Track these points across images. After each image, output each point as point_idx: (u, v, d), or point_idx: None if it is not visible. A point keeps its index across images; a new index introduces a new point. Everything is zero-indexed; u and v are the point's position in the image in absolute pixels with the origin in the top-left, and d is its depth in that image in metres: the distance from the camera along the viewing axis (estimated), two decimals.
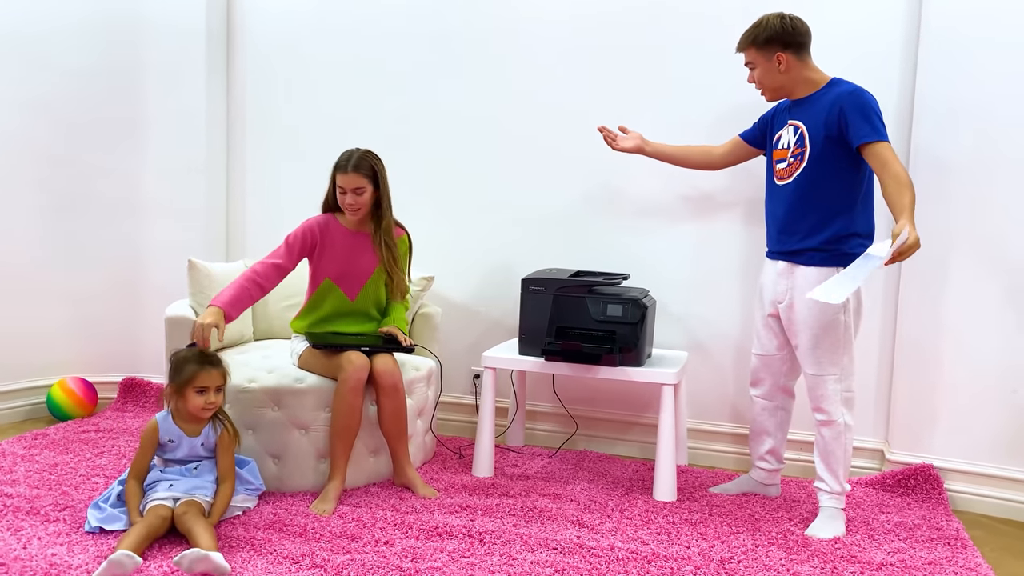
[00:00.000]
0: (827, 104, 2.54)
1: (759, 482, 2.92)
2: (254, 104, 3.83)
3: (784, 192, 2.65)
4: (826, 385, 2.58)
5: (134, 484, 2.45)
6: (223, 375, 2.53)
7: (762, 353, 2.81)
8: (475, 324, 3.59)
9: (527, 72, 3.46)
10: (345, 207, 2.86)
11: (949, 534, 2.62)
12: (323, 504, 2.63)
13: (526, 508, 2.68)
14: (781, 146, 2.69)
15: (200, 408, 2.47)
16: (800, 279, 2.60)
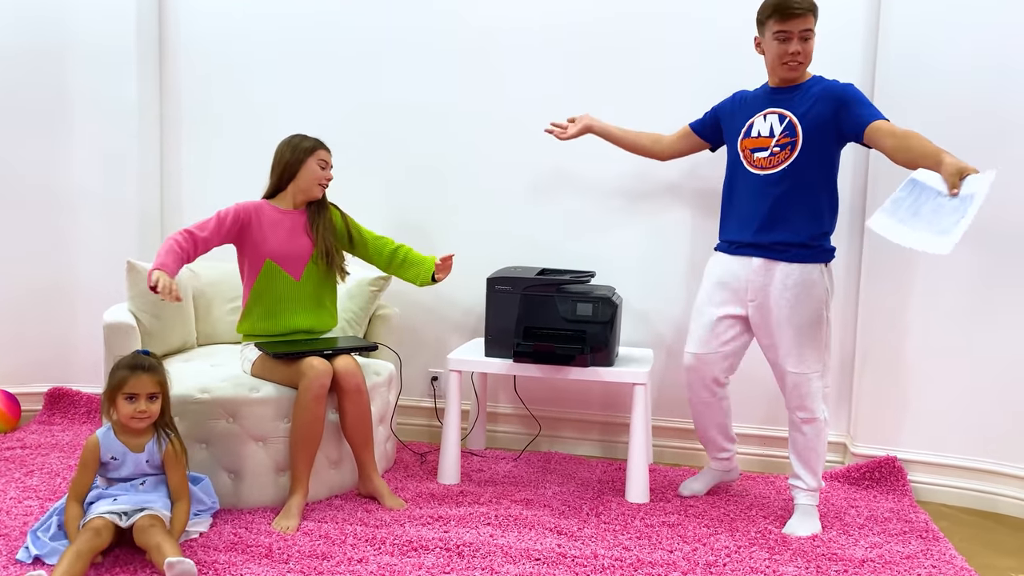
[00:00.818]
0: (820, 98, 2.49)
1: (720, 471, 2.88)
2: (190, 94, 3.60)
3: (767, 183, 2.55)
4: (810, 383, 2.54)
5: (75, 507, 2.24)
6: (157, 382, 2.31)
7: (701, 352, 2.68)
8: (432, 324, 3.46)
9: (482, 62, 3.34)
10: (323, 182, 2.82)
11: (919, 527, 2.64)
12: (286, 520, 2.47)
13: (500, 516, 2.58)
14: (756, 134, 2.59)
15: (129, 417, 2.27)
16: (780, 276, 2.53)
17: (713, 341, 2.67)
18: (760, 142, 2.58)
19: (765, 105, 2.61)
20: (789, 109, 2.54)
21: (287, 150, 2.80)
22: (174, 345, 3.00)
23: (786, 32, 2.48)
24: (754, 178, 2.59)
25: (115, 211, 3.55)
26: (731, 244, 2.66)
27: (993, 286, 2.86)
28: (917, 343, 2.97)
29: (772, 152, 2.55)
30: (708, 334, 2.67)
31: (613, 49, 3.23)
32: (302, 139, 2.81)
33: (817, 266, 2.53)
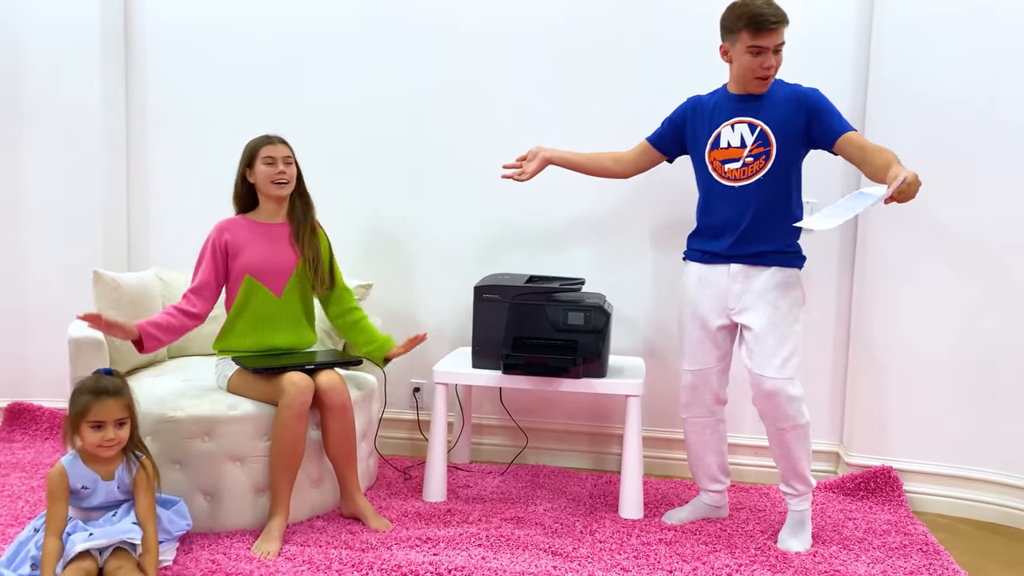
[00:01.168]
0: (787, 104, 2.43)
1: (710, 506, 2.72)
2: (157, 98, 3.43)
3: (742, 194, 2.47)
4: (789, 389, 2.45)
5: (53, 542, 2.06)
6: (125, 406, 2.15)
7: (699, 368, 2.60)
8: (412, 333, 3.32)
9: (463, 65, 3.24)
10: (275, 179, 2.61)
11: (918, 539, 2.59)
12: (267, 544, 2.34)
13: (491, 536, 2.47)
14: (726, 145, 2.50)
15: (97, 446, 2.11)
16: (759, 281, 2.46)
17: (708, 356, 2.58)
18: (731, 153, 2.49)
19: (731, 114, 2.50)
20: (758, 118, 2.45)
21: (242, 155, 2.67)
22: (144, 358, 2.85)
23: (760, 47, 2.38)
24: (727, 190, 2.50)
25: (78, 219, 3.38)
26: (704, 253, 2.57)
27: (987, 294, 2.82)
28: (910, 352, 2.92)
29: (745, 163, 2.46)
30: (701, 350, 2.58)
31: (593, 46, 3.15)
32: (251, 140, 2.66)
33: (794, 270, 2.50)
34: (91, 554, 2.06)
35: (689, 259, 2.63)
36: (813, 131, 2.43)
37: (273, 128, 3.17)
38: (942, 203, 2.84)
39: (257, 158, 2.60)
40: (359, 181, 3.32)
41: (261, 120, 3.34)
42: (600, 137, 3.15)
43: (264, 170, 2.60)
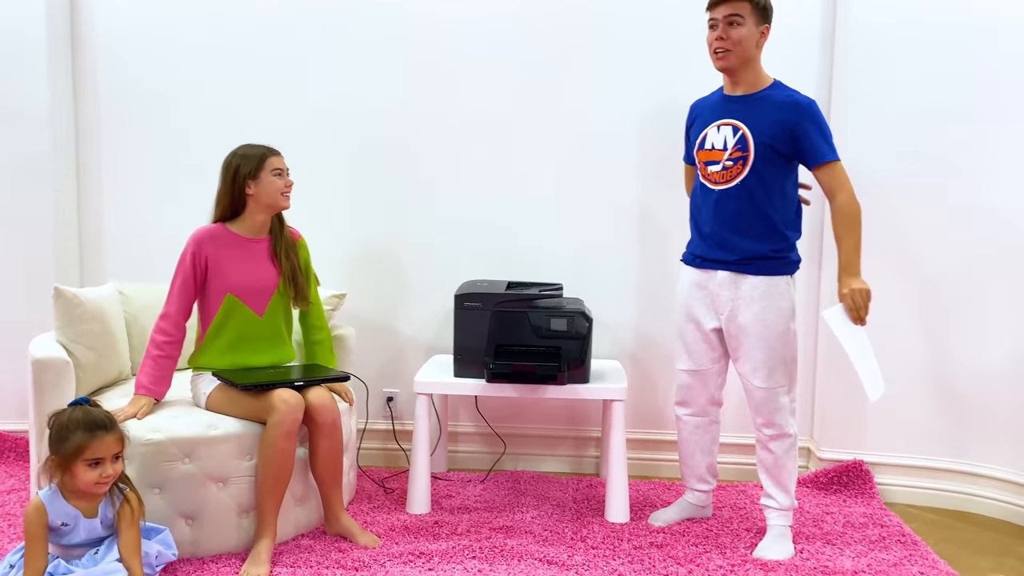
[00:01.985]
0: (776, 110, 2.40)
1: (696, 505, 2.75)
2: (109, 101, 3.26)
3: (723, 197, 2.48)
4: (778, 398, 2.48)
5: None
6: (120, 440, 2.08)
7: (695, 369, 2.63)
8: (385, 342, 3.28)
9: (439, 76, 3.19)
10: (285, 192, 2.55)
11: (894, 531, 2.67)
12: (255, 568, 2.27)
13: (484, 548, 2.44)
14: (710, 147, 2.51)
15: (94, 484, 2.02)
16: (746, 289, 2.46)
17: (703, 357, 2.60)
18: (713, 155, 2.50)
19: (719, 115, 2.51)
20: (743, 121, 2.44)
21: (233, 165, 2.52)
22: (110, 376, 2.73)
23: (713, 19, 2.42)
24: (710, 192, 2.52)
25: (26, 230, 3.20)
26: (695, 257, 2.60)
27: (947, 293, 2.93)
28: (877, 348, 3.00)
29: (724, 166, 2.46)
30: (697, 350, 2.61)
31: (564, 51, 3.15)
32: (246, 148, 2.55)
33: (783, 278, 2.47)
34: None
35: (684, 261, 2.65)
36: (796, 146, 2.39)
37: (235, 134, 3.09)
38: (902, 205, 2.93)
39: (264, 169, 2.50)
40: (332, 191, 3.24)
41: (217, 126, 3.22)
42: (574, 141, 3.15)
43: (274, 181, 2.51)
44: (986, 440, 2.92)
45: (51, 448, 2.03)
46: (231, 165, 2.53)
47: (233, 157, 2.54)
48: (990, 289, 2.87)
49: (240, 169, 2.51)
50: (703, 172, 2.54)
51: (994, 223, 2.85)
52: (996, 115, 2.83)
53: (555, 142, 3.17)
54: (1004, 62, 2.81)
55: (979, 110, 2.85)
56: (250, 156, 2.52)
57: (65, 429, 2.02)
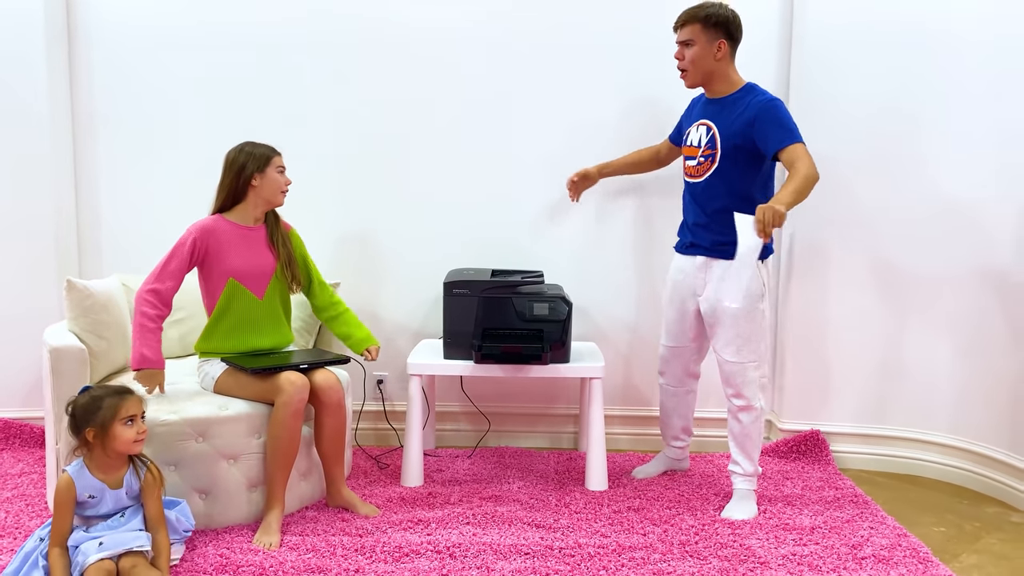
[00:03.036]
0: (742, 111, 2.65)
1: (673, 459, 3.11)
2: (106, 100, 3.40)
3: (695, 190, 2.78)
4: (746, 373, 2.74)
5: (58, 552, 2.13)
6: (141, 401, 2.27)
7: (674, 345, 2.94)
8: (374, 327, 3.46)
9: (420, 69, 3.37)
10: (283, 190, 2.75)
11: (848, 493, 2.94)
12: (267, 536, 2.46)
13: (477, 515, 2.66)
14: (690, 143, 2.80)
15: (132, 441, 2.20)
16: (717, 271, 2.74)
17: (682, 335, 2.88)
18: (691, 151, 2.79)
19: (700, 116, 2.80)
20: (715, 122, 2.71)
21: (240, 160, 2.68)
22: (118, 364, 2.88)
23: (677, 43, 2.74)
24: (689, 185, 2.83)
25: (27, 226, 3.32)
26: (682, 245, 2.89)
27: (894, 276, 3.20)
28: (833, 328, 3.28)
29: (699, 162, 2.75)
30: (677, 328, 2.89)
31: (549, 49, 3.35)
32: (253, 147, 2.72)
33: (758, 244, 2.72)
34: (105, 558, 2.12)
35: (675, 248, 2.93)
36: (756, 141, 2.63)
37: (227, 131, 3.24)
38: (856, 197, 3.19)
39: (271, 166, 2.69)
40: (327, 185, 3.40)
41: (209, 123, 3.37)
42: (554, 137, 3.36)
43: (277, 178, 2.70)
44: (931, 410, 3.20)
45: (84, 423, 2.18)
46: (237, 160, 2.69)
47: (240, 153, 2.70)
48: (934, 269, 3.15)
49: (247, 164, 2.68)
50: (685, 167, 2.83)
51: (936, 206, 3.12)
52: (936, 110, 3.09)
53: (536, 139, 3.37)
54: (943, 62, 3.07)
55: (921, 104, 3.11)
56: (257, 154, 2.70)
57: (94, 402, 2.19)
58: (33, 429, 3.35)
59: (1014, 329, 2.93)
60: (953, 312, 3.12)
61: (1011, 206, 2.92)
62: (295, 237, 2.88)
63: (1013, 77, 2.90)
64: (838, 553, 2.44)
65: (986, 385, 3.04)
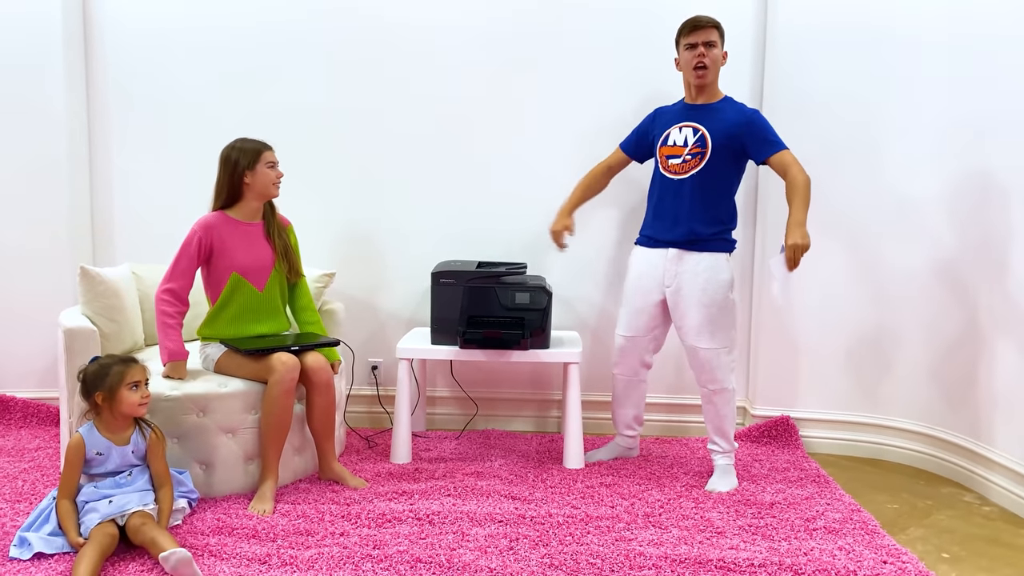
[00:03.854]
0: (730, 120, 2.88)
1: (625, 447, 3.26)
2: (117, 97, 3.63)
3: (680, 186, 2.94)
4: (719, 357, 2.93)
5: (66, 504, 2.34)
6: (144, 369, 2.49)
7: (632, 335, 3.08)
8: (370, 317, 3.67)
9: (414, 69, 3.57)
10: (275, 182, 2.91)
11: (812, 474, 3.11)
12: (261, 504, 2.66)
13: (458, 488, 2.85)
14: (671, 143, 2.97)
15: (137, 404, 2.42)
16: (691, 263, 2.91)
17: (641, 326, 3.05)
18: (675, 150, 2.97)
19: (681, 119, 2.99)
20: (703, 124, 2.92)
21: (233, 157, 2.85)
22: (127, 345, 3.09)
23: (691, 43, 2.91)
24: (669, 181, 2.99)
25: (44, 217, 3.56)
26: (649, 239, 3.04)
27: (863, 271, 3.36)
28: (802, 320, 3.45)
29: (684, 160, 2.93)
30: (636, 319, 3.06)
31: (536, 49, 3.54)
32: (243, 143, 2.88)
33: (723, 255, 2.94)
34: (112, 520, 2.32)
35: (637, 243, 3.10)
36: (747, 146, 2.88)
37: (233, 127, 3.46)
38: (828, 194, 3.36)
39: (260, 161, 2.85)
40: (324, 183, 3.61)
41: (216, 123, 3.59)
42: (535, 138, 3.55)
43: (268, 173, 2.86)
44: (891, 396, 3.37)
45: (94, 388, 2.40)
46: (230, 158, 2.87)
47: (231, 150, 2.87)
48: (897, 262, 3.31)
49: (239, 161, 2.86)
50: (663, 164, 3.00)
51: (899, 202, 3.29)
52: (898, 107, 3.26)
53: (517, 139, 3.56)
54: (904, 61, 3.24)
55: (885, 102, 3.28)
56: (247, 150, 2.86)
57: (102, 369, 2.42)
58: (48, 408, 3.57)
59: (971, 320, 3.09)
60: (915, 304, 3.29)
61: (968, 202, 3.08)
62: (291, 232, 3.06)
63: (967, 76, 3.06)
64: (792, 525, 2.61)
65: (945, 373, 3.20)
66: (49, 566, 2.24)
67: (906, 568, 2.30)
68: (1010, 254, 2.88)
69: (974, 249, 3.06)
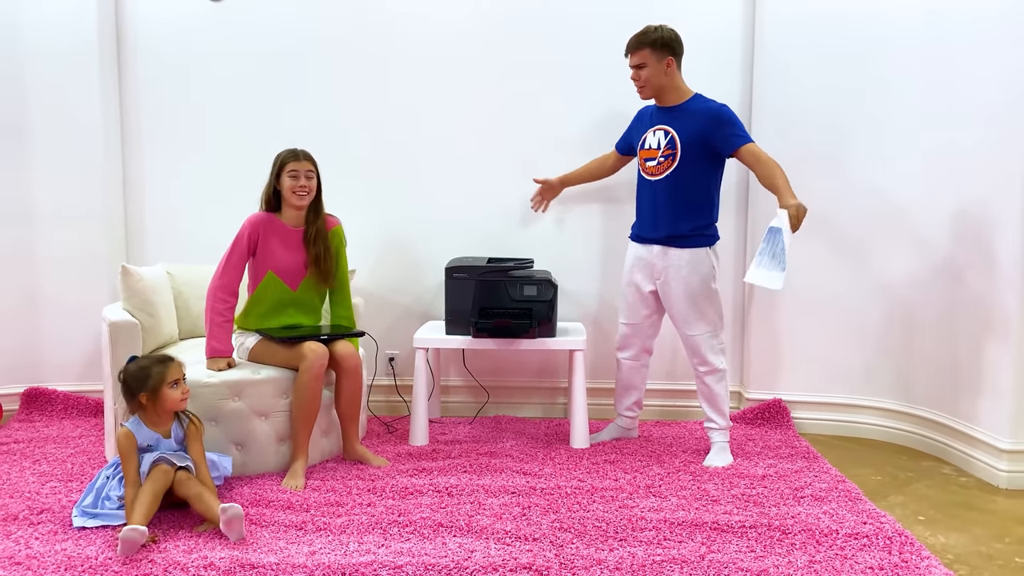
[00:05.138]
0: (697, 117, 3.08)
1: (624, 428, 3.50)
2: (149, 106, 3.88)
3: (656, 187, 3.16)
4: (707, 341, 3.17)
5: (134, 491, 2.52)
6: (181, 366, 2.71)
7: (633, 322, 3.33)
8: (384, 311, 3.91)
9: (429, 77, 3.82)
10: (297, 191, 3.06)
11: (802, 451, 3.34)
12: (294, 480, 2.90)
13: (473, 465, 3.09)
14: (648, 146, 3.19)
15: (179, 400, 2.64)
16: (674, 259, 3.14)
17: (639, 313, 3.29)
18: (651, 153, 3.19)
19: (656, 122, 3.21)
20: (672, 126, 3.13)
21: (275, 163, 3.10)
22: (163, 339, 3.34)
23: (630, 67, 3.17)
24: (648, 183, 3.22)
25: (81, 219, 3.80)
26: (638, 236, 3.30)
27: (853, 261, 3.60)
28: (793, 309, 3.68)
29: (659, 161, 3.15)
30: (634, 308, 3.31)
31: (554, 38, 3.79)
32: (281, 152, 3.11)
33: (703, 249, 3.16)
34: (164, 464, 2.54)
35: (630, 238, 3.34)
36: (715, 141, 3.06)
37: (262, 135, 3.71)
38: (817, 185, 3.57)
39: (284, 170, 3.08)
40: (347, 185, 3.82)
41: (247, 127, 3.84)
42: (544, 143, 3.79)
43: (288, 182, 3.07)
44: (876, 377, 3.60)
45: (137, 390, 2.61)
46: (273, 163, 3.13)
47: (275, 157, 3.12)
48: (878, 251, 3.54)
49: (273, 167, 3.12)
50: (643, 167, 3.23)
51: (881, 193, 3.52)
52: (883, 105, 3.50)
53: (528, 141, 3.80)
54: (892, 59, 3.47)
55: (869, 100, 3.52)
56: (278, 157, 3.12)
57: (142, 371, 2.63)
58: (88, 400, 3.82)
59: (952, 304, 3.31)
60: (900, 290, 3.52)
61: (947, 193, 3.31)
62: (335, 236, 3.22)
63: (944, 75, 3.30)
64: (781, 493, 2.84)
65: (929, 354, 3.43)
66: (107, 533, 2.48)
67: (883, 528, 2.53)
68: (994, 239, 3.10)
69: (955, 233, 3.29)
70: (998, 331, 3.06)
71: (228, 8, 3.82)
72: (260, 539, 2.45)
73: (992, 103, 3.06)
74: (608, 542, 2.43)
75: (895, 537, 2.46)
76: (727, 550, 2.38)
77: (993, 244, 3.08)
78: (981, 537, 2.56)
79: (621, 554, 2.35)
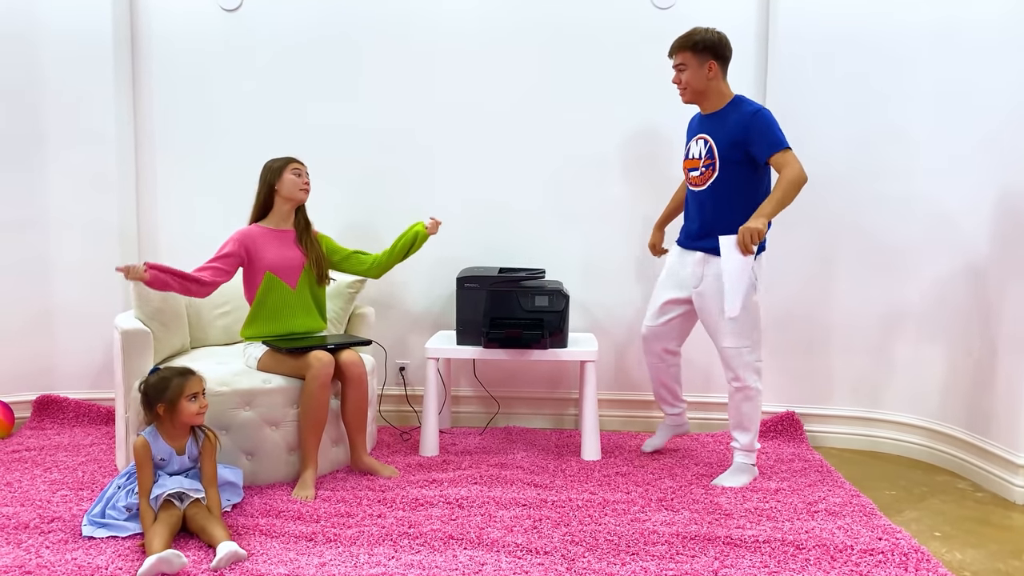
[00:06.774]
0: (733, 123, 3.00)
1: (673, 425, 3.45)
2: (162, 117, 3.90)
3: (700, 196, 3.11)
4: (742, 356, 3.06)
5: (147, 502, 2.52)
6: (201, 379, 2.70)
7: (652, 325, 3.28)
8: (398, 321, 3.91)
9: (442, 83, 3.82)
10: (301, 187, 3.22)
11: (815, 464, 3.31)
12: (304, 491, 2.89)
13: (484, 476, 3.07)
14: (691, 156, 3.15)
15: (195, 413, 2.62)
16: (715, 268, 3.05)
17: (660, 318, 3.26)
18: (693, 163, 3.14)
19: (698, 131, 3.16)
20: (711, 135, 3.07)
21: (265, 172, 3.23)
22: (176, 347, 3.34)
23: (673, 67, 3.13)
24: (692, 192, 3.17)
25: (95, 230, 3.82)
26: (684, 239, 3.22)
27: (858, 274, 3.58)
28: (807, 322, 3.66)
29: (700, 172, 3.11)
30: (657, 312, 3.26)
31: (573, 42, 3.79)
32: (274, 161, 3.24)
33: (747, 259, 3.01)
34: (173, 504, 2.54)
35: (676, 242, 3.28)
36: (750, 149, 2.98)
37: (270, 145, 3.72)
38: (832, 196, 3.57)
39: (286, 170, 3.19)
40: (356, 195, 3.86)
41: (255, 140, 3.84)
42: (560, 153, 3.79)
43: (292, 179, 3.19)
44: (893, 393, 3.57)
45: (156, 400, 2.60)
46: (263, 174, 3.24)
47: (264, 169, 3.25)
48: (891, 264, 3.52)
49: (270, 174, 3.22)
50: (687, 176, 3.18)
51: (900, 204, 3.50)
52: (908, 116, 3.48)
53: (542, 153, 3.79)
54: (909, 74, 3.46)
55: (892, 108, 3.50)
56: (276, 163, 3.23)
57: (162, 382, 2.62)
58: (99, 408, 3.82)
59: (968, 318, 3.28)
60: (913, 302, 3.49)
61: (960, 202, 3.29)
62: (324, 240, 3.34)
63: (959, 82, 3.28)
64: (795, 508, 2.81)
65: (945, 369, 3.39)
66: (117, 543, 2.47)
67: (899, 544, 2.50)
68: (1007, 253, 3.08)
69: (970, 247, 3.27)
70: (1014, 345, 3.03)
71: (242, 15, 3.83)
72: (271, 550, 2.44)
73: (999, 112, 3.04)
74: (620, 556, 2.41)
75: (911, 553, 2.43)
76: (740, 565, 2.36)
77: (1007, 258, 3.05)
78: (998, 553, 2.53)
79: (633, 568, 2.33)
